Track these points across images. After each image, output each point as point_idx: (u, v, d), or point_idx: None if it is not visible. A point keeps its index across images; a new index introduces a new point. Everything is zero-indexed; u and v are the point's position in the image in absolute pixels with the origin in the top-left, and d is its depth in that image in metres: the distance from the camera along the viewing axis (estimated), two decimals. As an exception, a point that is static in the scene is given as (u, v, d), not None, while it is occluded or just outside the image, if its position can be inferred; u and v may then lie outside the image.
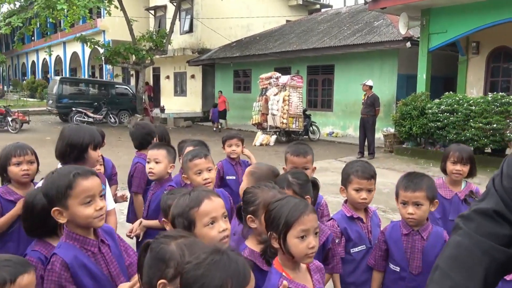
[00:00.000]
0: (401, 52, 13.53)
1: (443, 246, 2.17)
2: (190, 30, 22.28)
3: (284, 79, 13.88)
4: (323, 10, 24.50)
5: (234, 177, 3.60)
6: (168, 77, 24.50)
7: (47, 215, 1.68)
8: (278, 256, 1.61)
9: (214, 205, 1.59)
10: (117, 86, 20.99)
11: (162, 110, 21.24)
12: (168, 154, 2.83)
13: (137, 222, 2.76)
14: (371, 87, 10.85)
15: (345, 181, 2.42)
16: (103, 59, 20.01)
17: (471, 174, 2.89)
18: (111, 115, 18.75)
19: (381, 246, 2.35)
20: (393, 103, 13.77)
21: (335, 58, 15.52)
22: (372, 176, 2.38)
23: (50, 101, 19.48)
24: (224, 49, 20.82)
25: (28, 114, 17.25)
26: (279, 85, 13.95)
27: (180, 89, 24.00)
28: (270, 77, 14.30)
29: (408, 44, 12.40)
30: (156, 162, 2.77)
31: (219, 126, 17.81)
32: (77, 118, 17.49)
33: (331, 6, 25.98)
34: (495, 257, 1.05)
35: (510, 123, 9.05)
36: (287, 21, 23.28)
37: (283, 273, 1.55)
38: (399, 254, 2.28)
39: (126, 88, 21.16)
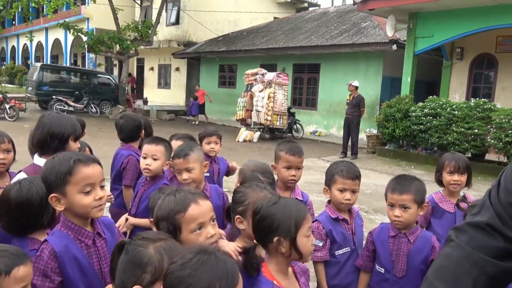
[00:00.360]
0: (387, 54, 13.63)
1: (430, 251, 2.18)
2: (177, 22, 22.02)
3: (270, 76, 13.83)
4: (310, 8, 24.53)
5: (208, 174, 3.52)
6: (152, 68, 24.18)
7: (44, 207, 1.60)
8: (268, 262, 1.54)
9: (201, 209, 1.49)
10: (99, 75, 20.61)
11: (145, 102, 20.96)
12: (166, 151, 2.69)
13: (123, 218, 2.63)
14: (357, 88, 10.89)
15: (329, 181, 2.37)
16: (86, 47, 19.60)
17: (467, 184, 2.73)
18: (92, 105, 18.38)
19: (369, 246, 2.33)
20: (377, 104, 13.88)
21: (321, 57, 15.54)
22: (356, 176, 2.34)
23: (30, 88, 18.99)
24: (211, 43, 20.64)
25: (25, 101, 16.85)
26: (264, 81, 13.89)
27: (164, 82, 23.72)
28: (256, 73, 14.23)
29: (394, 46, 12.49)
30: (154, 159, 2.63)
31: (196, 121, 17.72)
32: (57, 106, 17.08)
33: (319, 5, 26.03)
34: (484, 269, 1.03)
35: (491, 129, 9.19)
36: (275, 18, 23.22)
37: (275, 281, 1.49)
38: (384, 255, 2.26)
39: (109, 78, 20.78)
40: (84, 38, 19.36)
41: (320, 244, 2.28)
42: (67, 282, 1.49)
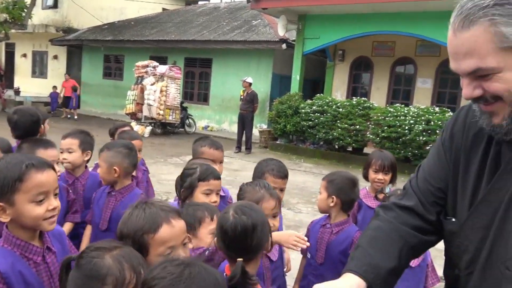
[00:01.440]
0: (276, 53, 14.21)
1: (350, 244, 2.35)
2: (55, 5, 20.13)
3: (162, 69, 13.46)
4: (200, 2, 24.41)
5: None
6: (25, 55, 21.78)
7: None
8: (247, 267, 1.52)
9: (174, 231, 1.34)
10: (-41, 60, 17.96)
11: (17, 92, 18.83)
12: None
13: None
14: (250, 84, 11.17)
15: (259, 178, 2.43)
16: None
17: (391, 181, 2.85)
18: (-50, 94, 15.96)
19: (307, 233, 2.48)
20: (267, 101, 14.41)
21: (213, 52, 15.59)
22: (286, 175, 2.43)
23: None
24: (94, 31, 19.31)
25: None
26: (156, 74, 13.48)
27: (39, 70, 21.56)
28: (147, 66, 13.73)
29: (284, 46, 13.10)
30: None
31: (74, 115, 16.61)
32: None
33: (208, 0, 26.01)
34: (408, 240, 1.25)
35: (370, 125, 10.20)
36: (164, 9, 22.61)
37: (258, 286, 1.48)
38: (313, 242, 2.41)
39: (-29, 64, 18.23)
40: None
41: None
42: None
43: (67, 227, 2.50)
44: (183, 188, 2.04)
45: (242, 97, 11.37)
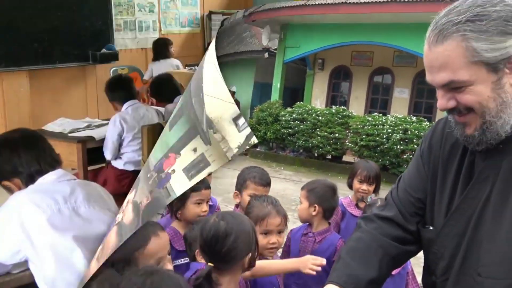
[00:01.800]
0: (258, 61, 14.31)
1: (333, 253, 2.38)
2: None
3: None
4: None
5: None
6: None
7: None
8: (221, 278, 1.49)
9: (162, 242, 1.36)
10: None
11: None
12: None
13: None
14: (234, 93, 11.26)
15: (241, 186, 2.45)
16: None
17: (374, 191, 2.88)
18: None
19: (287, 242, 2.47)
20: (248, 108, 14.45)
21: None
22: (268, 183, 2.46)
23: None
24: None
25: None
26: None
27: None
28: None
29: (266, 54, 13.23)
30: None
31: None
32: None
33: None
34: (388, 251, 1.28)
35: (349, 134, 10.33)
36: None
37: None
38: (294, 251, 2.42)
39: None
40: None
41: None
42: None
43: None
44: (175, 200, 2.03)
45: (223, 104, 11.39)
